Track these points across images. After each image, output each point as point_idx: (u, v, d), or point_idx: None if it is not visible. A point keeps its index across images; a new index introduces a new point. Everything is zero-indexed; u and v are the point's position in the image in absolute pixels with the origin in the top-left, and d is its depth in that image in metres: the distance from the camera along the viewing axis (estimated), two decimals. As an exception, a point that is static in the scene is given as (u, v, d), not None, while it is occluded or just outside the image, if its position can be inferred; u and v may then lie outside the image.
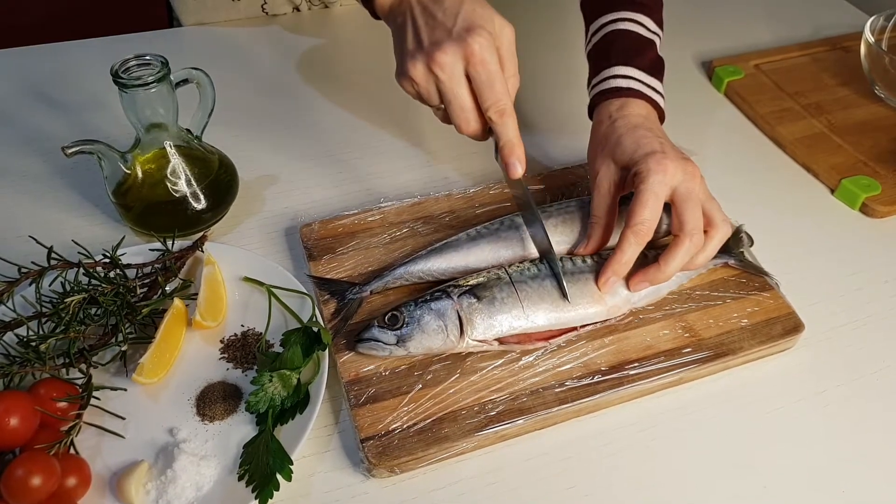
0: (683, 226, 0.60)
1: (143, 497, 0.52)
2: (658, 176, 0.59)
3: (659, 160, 0.60)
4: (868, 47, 0.88)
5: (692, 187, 0.60)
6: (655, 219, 0.60)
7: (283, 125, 0.87)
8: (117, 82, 0.63)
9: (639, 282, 0.62)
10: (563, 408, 0.57)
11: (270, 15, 1.04)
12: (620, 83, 0.67)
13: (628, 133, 0.64)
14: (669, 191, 0.60)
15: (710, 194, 0.63)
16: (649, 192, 0.59)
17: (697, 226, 0.60)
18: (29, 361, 0.55)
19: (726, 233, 0.62)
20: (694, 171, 0.61)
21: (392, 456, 0.54)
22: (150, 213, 0.69)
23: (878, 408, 0.61)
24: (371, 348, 0.59)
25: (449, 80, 0.57)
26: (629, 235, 0.60)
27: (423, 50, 0.57)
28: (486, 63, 0.56)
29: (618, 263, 0.60)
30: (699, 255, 0.61)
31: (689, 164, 0.61)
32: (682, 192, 0.60)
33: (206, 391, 0.59)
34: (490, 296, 0.61)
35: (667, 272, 0.60)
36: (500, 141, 0.60)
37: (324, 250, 0.69)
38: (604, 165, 0.64)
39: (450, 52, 0.56)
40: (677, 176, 0.60)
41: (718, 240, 0.62)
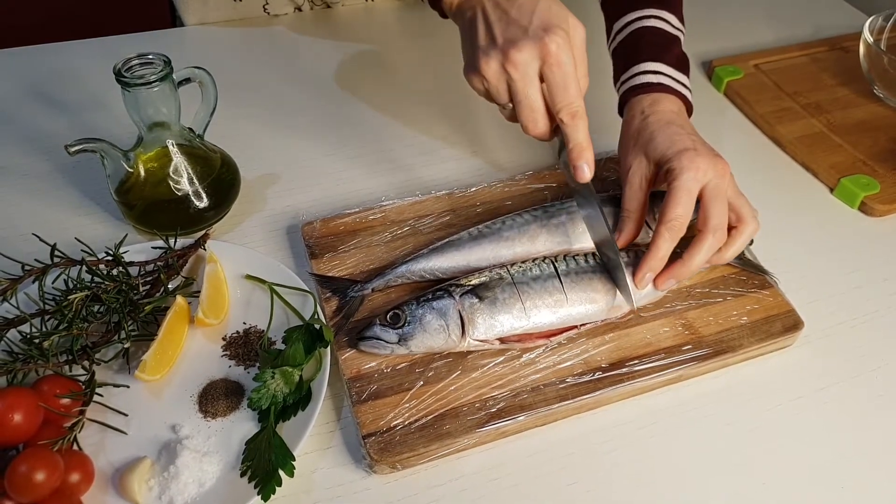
0: (708, 221, 0.60)
1: (146, 493, 0.53)
2: (691, 173, 0.60)
3: (692, 158, 0.60)
4: (867, 47, 0.88)
5: (721, 185, 0.61)
6: (688, 215, 0.60)
7: (285, 124, 0.87)
8: (120, 81, 0.63)
9: (665, 279, 0.62)
10: (564, 404, 0.57)
11: (272, 15, 1.05)
12: (651, 79, 0.68)
13: (661, 129, 0.64)
14: (700, 187, 0.60)
15: (739, 191, 0.64)
16: (682, 188, 0.60)
17: (721, 222, 0.60)
18: (32, 358, 0.55)
19: (754, 229, 0.63)
20: (724, 169, 0.61)
21: (394, 452, 0.54)
22: (152, 211, 0.69)
23: (877, 405, 0.61)
24: (373, 347, 0.59)
25: (522, 79, 0.56)
26: (663, 231, 0.60)
27: (496, 47, 0.56)
28: (563, 64, 0.55)
29: (654, 259, 0.61)
30: (727, 250, 0.63)
31: (720, 161, 0.62)
32: (711, 189, 0.60)
33: (209, 388, 0.59)
34: (492, 296, 0.61)
35: (691, 267, 0.61)
36: (570, 143, 0.58)
37: (325, 248, 0.69)
38: (636, 161, 0.65)
39: (526, 50, 0.55)
40: (709, 173, 0.60)
41: (747, 235, 0.63)
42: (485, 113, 0.89)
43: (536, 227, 0.67)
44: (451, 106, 0.90)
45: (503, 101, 0.59)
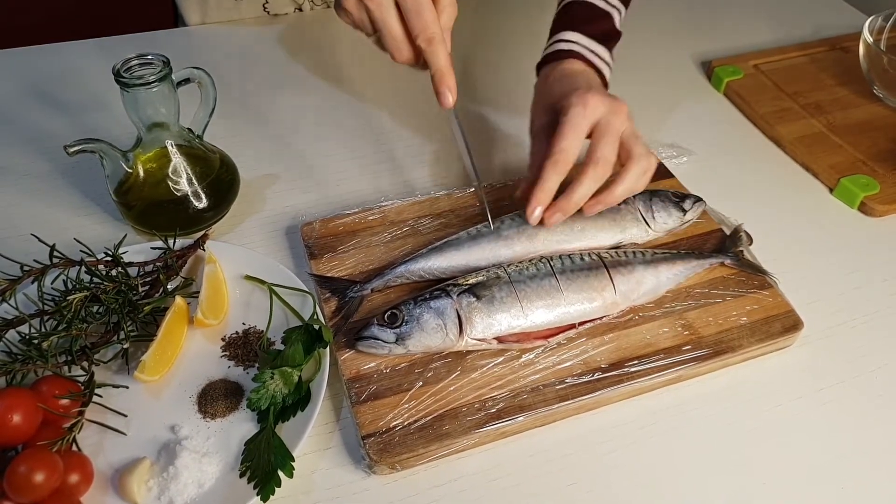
0: (591, 154, 0.61)
1: (146, 494, 0.52)
2: (578, 108, 0.61)
3: (580, 95, 0.61)
4: (867, 47, 0.88)
5: (613, 122, 0.61)
6: (574, 148, 0.61)
7: (284, 124, 0.87)
8: (119, 81, 0.63)
9: (552, 213, 0.62)
10: (564, 405, 0.57)
11: (273, 14, 1.05)
12: (563, 46, 0.70)
13: (558, 80, 0.67)
14: (590, 123, 0.61)
15: (636, 132, 0.63)
16: (568, 123, 0.61)
17: (604, 155, 0.60)
18: (31, 359, 0.55)
19: (645, 165, 0.63)
20: (620, 108, 0.62)
21: (393, 453, 0.54)
22: (151, 211, 0.69)
23: (877, 405, 0.61)
24: (370, 346, 0.59)
25: (378, 8, 0.58)
26: (548, 164, 0.61)
27: None
28: None
29: (541, 192, 0.61)
30: (616, 187, 0.62)
31: (616, 101, 0.62)
32: (601, 125, 0.61)
33: (208, 389, 0.59)
34: (489, 295, 0.61)
35: (573, 199, 0.61)
36: (431, 69, 0.60)
37: (325, 249, 0.69)
38: (537, 114, 0.67)
39: None
40: (599, 109, 0.61)
41: (635, 172, 0.63)
42: (485, 113, 0.89)
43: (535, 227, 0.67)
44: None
45: (368, 31, 0.61)
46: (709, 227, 0.73)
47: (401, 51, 0.60)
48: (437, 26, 0.59)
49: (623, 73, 0.81)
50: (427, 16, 0.58)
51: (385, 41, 0.60)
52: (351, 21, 0.61)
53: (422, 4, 0.58)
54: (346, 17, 0.61)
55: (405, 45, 0.60)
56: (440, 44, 0.59)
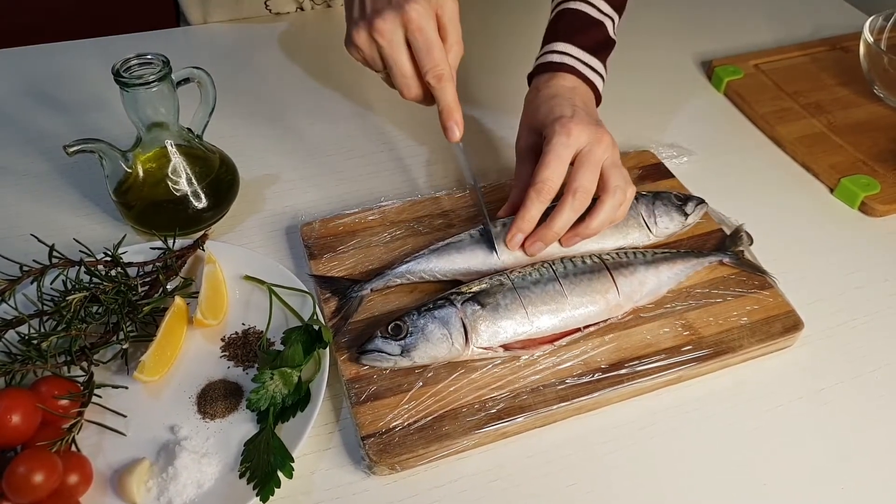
0: (570, 183, 0.62)
1: (145, 494, 0.52)
2: (561, 138, 0.62)
3: (564, 124, 0.62)
4: (867, 47, 0.88)
5: (595, 152, 0.62)
6: (557, 178, 0.62)
7: (284, 124, 0.87)
8: (119, 81, 0.63)
9: (532, 242, 0.64)
10: (564, 405, 0.57)
11: (274, 13, 1.05)
12: (555, 58, 0.70)
13: (546, 101, 0.67)
14: (573, 152, 0.62)
15: (617, 162, 0.64)
16: (552, 153, 0.62)
17: (583, 185, 0.62)
18: (30, 359, 0.55)
19: (621, 198, 0.63)
20: (600, 137, 0.63)
21: (393, 453, 0.54)
22: (151, 211, 0.69)
23: (877, 405, 0.61)
24: (375, 360, 0.58)
25: (389, 45, 0.59)
26: (531, 193, 0.62)
27: (365, 18, 0.60)
28: (424, 30, 0.59)
29: (522, 221, 0.63)
30: (591, 221, 0.64)
31: (599, 130, 0.63)
32: (583, 155, 0.62)
33: (207, 389, 0.59)
34: (494, 302, 0.60)
35: (553, 229, 0.63)
36: (439, 105, 0.62)
37: (324, 249, 0.69)
38: (524, 133, 0.69)
39: (389, 19, 0.58)
40: (581, 139, 0.62)
41: (611, 204, 0.63)
42: (485, 114, 0.89)
43: None
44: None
45: (378, 68, 0.63)
46: (709, 228, 0.73)
47: (410, 87, 0.62)
48: (445, 64, 0.60)
49: (624, 73, 0.81)
50: (437, 54, 0.59)
51: (395, 78, 0.62)
52: (361, 57, 0.62)
53: (432, 43, 0.59)
54: (357, 53, 0.62)
55: (414, 81, 0.62)
56: (449, 81, 0.61)
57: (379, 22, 0.58)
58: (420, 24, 0.58)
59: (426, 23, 0.58)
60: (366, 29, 0.59)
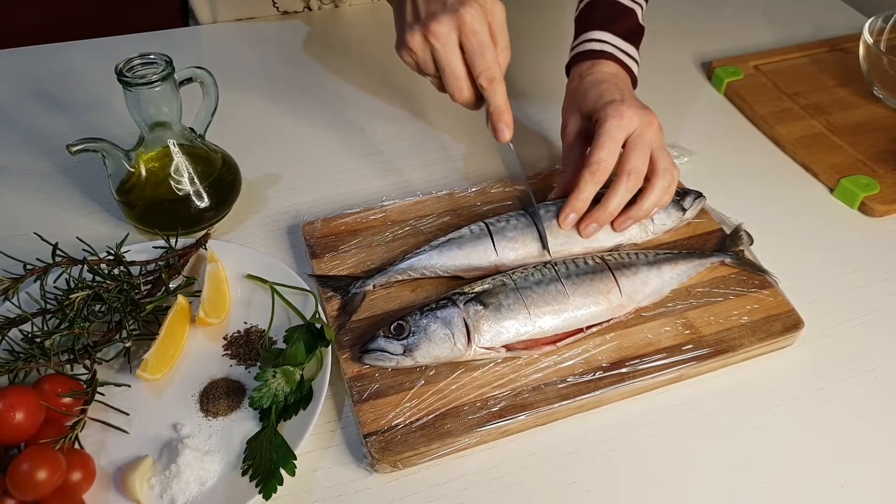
0: (624, 165, 0.65)
1: (148, 492, 0.53)
2: (615, 121, 0.64)
3: (617, 107, 0.64)
4: (867, 48, 0.88)
5: (645, 134, 0.65)
6: (611, 159, 0.64)
7: (286, 124, 0.88)
8: (122, 81, 0.63)
9: (587, 223, 0.66)
10: (565, 404, 0.57)
11: (282, 12, 1.05)
12: (594, 46, 0.72)
13: (593, 87, 0.69)
14: (625, 135, 0.64)
15: (664, 145, 0.67)
16: (606, 135, 0.64)
17: (637, 167, 0.64)
18: (34, 357, 0.55)
19: (668, 180, 0.66)
20: (650, 120, 0.65)
21: (395, 451, 0.54)
22: (153, 211, 0.70)
23: (877, 404, 0.61)
24: (377, 359, 0.58)
25: (443, 48, 0.60)
26: (586, 174, 0.64)
27: (419, 21, 0.61)
28: (478, 33, 0.60)
29: (576, 201, 0.65)
30: (643, 202, 0.66)
31: (648, 113, 0.66)
32: (635, 138, 0.65)
33: (210, 387, 0.59)
34: (496, 302, 0.61)
35: (608, 209, 0.65)
36: (490, 107, 0.63)
37: (326, 248, 0.69)
38: (571, 118, 0.70)
39: (444, 22, 0.59)
40: (633, 122, 0.64)
41: (661, 185, 0.66)
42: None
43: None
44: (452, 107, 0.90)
45: (431, 71, 0.63)
46: (709, 227, 0.73)
47: (461, 90, 0.63)
48: (497, 66, 0.62)
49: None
50: (490, 56, 0.61)
51: (447, 80, 0.62)
52: (413, 61, 0.63)
53: (485, 46, 0.60)
54: (410, 56, 0.63)
55: (466, 84, 0.63)
56: (500, 83, 0.62)
57: (434, 25, 0.59)
58: (474, 28, 0.59)
59: (480, 26, 0.60)
60: (421, 32, 0.60)
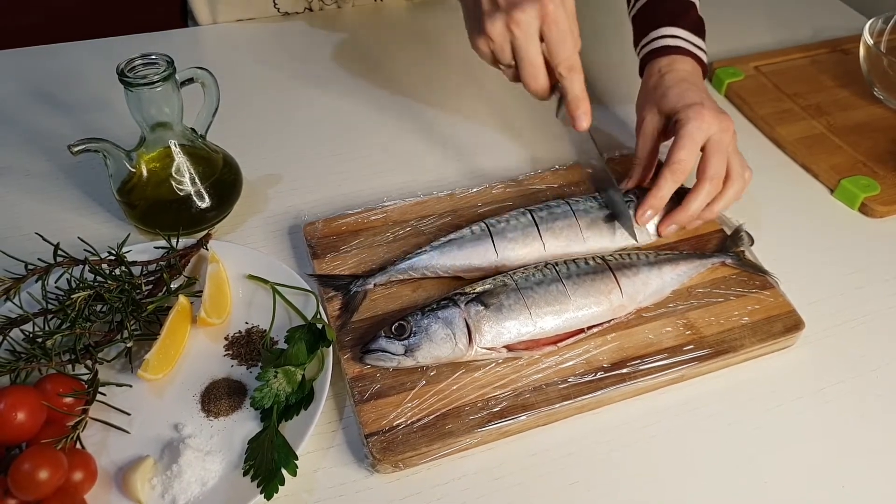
0: (706, 170, 0.66)
1: (149, 492, 0.53)
2: (696, 122, 0.66)
3: (698, 110, 0.66)
4: (867, 49, 0.88)
5: (724, 139, 0.66)
6: (691, 160, 0.66)
7: (287, 124, 0.88)
8: (123, 81, 0.63)
9: (667, 224, 0.69)
10: (566, 404, 0.58)
11: (283, 13, 1.05)
12: (669, 42, 0.73)
13: (675, 86, 0.70)
14: (705, 138, 0.66)
15: (737, 149, 0.69)
16: (687, 136, 0.66)
17: (718, 172, 0.66)
18: (35, 357, 0.56)
19: (741, 185, 0.68)
20: (728, 126, 0.67)
21: (396, 451, 0.54)
22: (154, 211, 0.70)
23: (877, 405, 0.61)
24: (378, 359, 0.58)
25: (524, 36, 0.61)
26: (666, 173, 0.66)
27: (500, 9, 0.61)
28: (560, 22, 0.61)
29: (655, 198, 0.67)
30: (715, 204, 0.68)
31: (725, 117, 0.67)
32: (714, 142, 0.66)
33: (211, 387, 0.59)
34: (497, 303, 0.61)
35: (689, 211, 0.67)
36: (569, 95, 0.64)
37: (327, 248, 0.69)
38: (649, 113, 0.71)
39: (528, 10, 0.60)
40: (713, 126, 0.66)
41: (734, 190, 0.68)
42: (487, 114, 0.89)
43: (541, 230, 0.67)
44: (453, 107, 0.91)
45: (507, 60, 0.64)
46: (710, 228, 0.73)
47: (538, 79, 0.63)
48: (576, 56, 0.62)
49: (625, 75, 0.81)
50: (570, 44, 0.62)
51: (524, 69, 0.63)
52: (489, 49, 0.63)
53: (566, 35, 0.61)
54: (487, 45, 0.63)
55: (543, 72, 0.63)
56: (579, 72, 0.63)
57: (518, 13, 0.60)
58: (557, 17, 0.60)
59: (562, 16, 0.61)
60: (503, 20, 0.61)
